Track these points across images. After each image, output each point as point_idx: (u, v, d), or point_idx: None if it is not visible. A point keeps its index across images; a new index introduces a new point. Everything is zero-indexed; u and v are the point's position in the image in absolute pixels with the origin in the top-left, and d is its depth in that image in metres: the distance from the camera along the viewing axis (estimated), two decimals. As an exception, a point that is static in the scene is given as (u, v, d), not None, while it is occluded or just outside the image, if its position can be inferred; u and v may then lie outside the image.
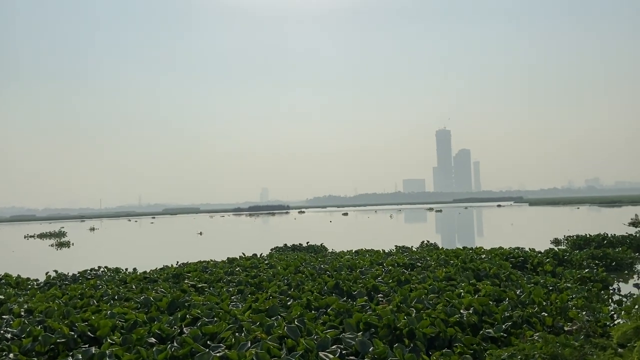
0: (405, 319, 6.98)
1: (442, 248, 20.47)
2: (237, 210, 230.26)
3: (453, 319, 7.25)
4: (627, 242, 20.57)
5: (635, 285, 13.14)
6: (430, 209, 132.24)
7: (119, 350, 6.26)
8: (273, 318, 7.69)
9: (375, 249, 19.80)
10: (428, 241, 24.85)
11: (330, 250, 22.77)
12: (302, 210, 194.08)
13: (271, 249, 25.56)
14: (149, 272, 15.17)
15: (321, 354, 5.96)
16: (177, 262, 17.93)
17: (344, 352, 6.17)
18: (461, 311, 7.66)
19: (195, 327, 7.14)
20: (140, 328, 7.24)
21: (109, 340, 6.79)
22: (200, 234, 52.90)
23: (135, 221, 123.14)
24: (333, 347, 6.23)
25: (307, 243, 26.36)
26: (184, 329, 7.35)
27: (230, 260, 17.21)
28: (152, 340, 6.95)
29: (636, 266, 16.94)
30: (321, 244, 26.10)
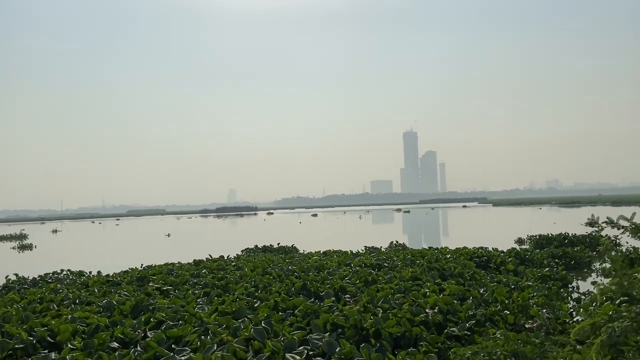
0: (371, 319, 7.03)
1: (409, 248, 20.72)
2: (205, 212, 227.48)
3: (419, 318, 7.34)
4: (587, 242, 21.27)
5: (593, 283, 13.60)
6: (398, 210, 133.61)
7: (80, 355, 6.09)
8: (240, 320, 7.62)
9: (346, 249, 19.89)
10: (397, 241, 25.10)
11: (301, 251, 22.76)
12: (271, 211, 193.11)
13: (242, 251, 25.37)
14: (112, 275, 14.81)
15: (288, 355, 5.94)
16: (142, 264, 17.56)
17: (310, 353, 6.17)
18: (426, 310, 7.76)
19: (159, 331, 7.01)
20: (102, 332, 7.06)
21: (69, 346, 6.60)
22: (169, 235, 51.99)
23: (99, 223, 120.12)
24: (300, 348, 6.22)
25: (278, 244, 26.27)
26: (148, 332, 7.20)
27: (197, 263, 16.98)
28: (115, 344, 6.77)
29: (594, 264, 17.54)
30: (292, 245, 26.05)
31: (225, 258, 18.64)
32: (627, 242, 18.67)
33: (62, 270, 17.21)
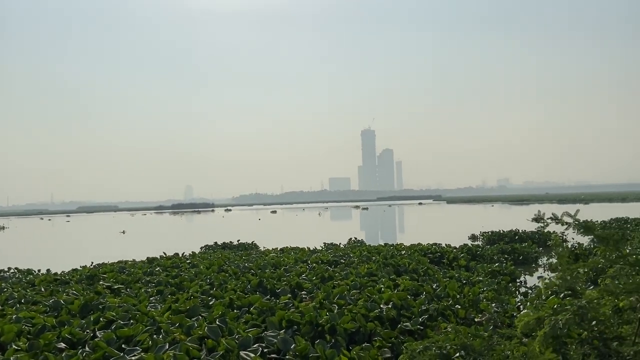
0: (327, 315, 7.06)
1: (366, 244, 20.96)
2: (160, 209, 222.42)
3: (373, 313, 7.43)
4: (535, 238, 22.12)
5: (540, 278, 14.15)
6: (357, 207, 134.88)
7: (25, 356, 5.84)
8: (193, 319, 7.49)
9: (306, 246, 19.90)
10: (355, 238, 25.35)
11: (262, 248, 22.62)
12: (229, 208, 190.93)
13: (201, 247, 25.00)
14: (61, 273, 14.28)
15: (242, 353, 5.89)
16: (92, 262, 17.01)
17: (265, 350, 6.14)
18: (381, 306, 7.87)
19: (109, 331, 6.80)
20: (49, 333, 6.79)
21: (13, 346, 6.31)
22: (123, 232, 50.57)
23: (49, 220, 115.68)
24: (255, 345, 6.18)
25: (238, 241, 26.01)
26: (97, 332, 6.97)
27: (150, 260, 16.59)
28: (62, 345, 6.52)
29: (541, 259, 18.25)
30: (252, 242, 25.85)
31: (180, 255, 18.31)
32: (573, 239, 19.53)
33: (9, 269, 16.47)
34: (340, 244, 22.14)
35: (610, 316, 3.95)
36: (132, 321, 7.36)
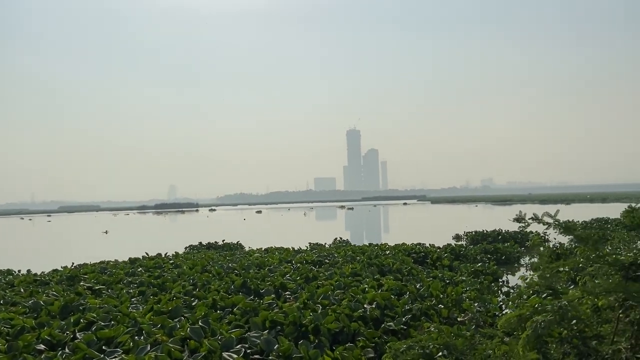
0: (311, 316, 7.05)
1: (351, 244, 20.99)
2: (143, 208, 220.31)
3: (357, 313, 7.44)
4: (518, 237, 22.37)
5: (521, 277, 14.31)
6: (342, 207, 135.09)
7: (4, 358, 5.75)
8: (176, 320, 7.41)
9: (291, 246, 19.86)
10: (340, 238, 25.38)
11: (247, 248, 22.52)
12: (213, 208, 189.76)
13: (185, 248, 24.81)
14: (41, 274, 14.05)
15: (225, 354, 5.84)
16: (73, 263, 16.76)
17: (248, 351, 6.10)
18: (365, 306, 7.88)
19: (89, 332, 6.70)
20: (28, 334, 6.66)
21: (-10, 349, 6.19)
22: (106, 232, 49.95)
23: (30, 219, 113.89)
24: (238, 346, 6.13)
25: (223, 241, 25.85)
26: (78, 334, 6.86)
27: (132, 261, 16.41)
28: (41, 347, 6.41)
29: (523, 259, 18.46)
30: (237, 242, 25.71)
31: (163, 256, 18.14)
32: (555, 239, 19.79)
33: (-13, 269, 16.15)
34: (325, 244, 22.15)
35: (589, 315, 4.00)
36: (113, 322, 7.26)
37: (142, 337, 6.51)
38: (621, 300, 3.62)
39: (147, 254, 18.60)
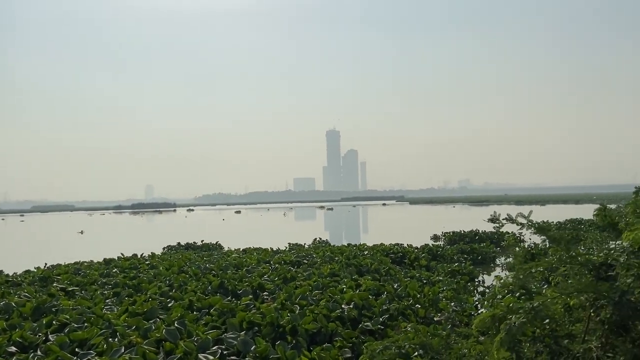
0: (288, 316, 7.02)
1: (330, 245, 21.01)
2: (119, 208, 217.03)
3: (335, 314, 7.44)
4: (494, 238, 22.70)
5: (496, 277, 14.52)
6: (322, 207, 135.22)
7: (-30, 363, 5.58)
8: (151, 321, 7.31)
9: (270, 246, 19.78)
10: (320, 238, 25.39)
11: (226, 249, 22.36)
12: (191, 208, 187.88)
13: (163, 248, 24.49)
14: (12, 275, 13.72)
15: (201, 355, 5.79)
16: (46, 264, 16.41)
17: (225, 352, 6.05)
18: (342, 306, 7.89)
19: (62, 334, 6.57)
20: (-2, 337, 6.50)
21: (-42, 353, 6.02)
22: (82, 232, 49.03)
23: (2, 219, 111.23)
24: (214, 347, 6.08)
25: (202, 241, 25.61)
26: (50, 336, 6.71)
27: (107, 261, 16.14)
28: (13, 349, 6.26)
29: (499, 259, 18.73)
30: (217, 242, 25.50)
31: (140, 256, 17.89)
32: (530, 239, 20.12)
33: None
34: (305, 244, 22.14)
35: (562, 315, 4.07)
36: (86, 324, 7.13)
37: (116, 339, 6.41)
38: (592, 300, 3.69)
39: (122, 254, 18.31)
